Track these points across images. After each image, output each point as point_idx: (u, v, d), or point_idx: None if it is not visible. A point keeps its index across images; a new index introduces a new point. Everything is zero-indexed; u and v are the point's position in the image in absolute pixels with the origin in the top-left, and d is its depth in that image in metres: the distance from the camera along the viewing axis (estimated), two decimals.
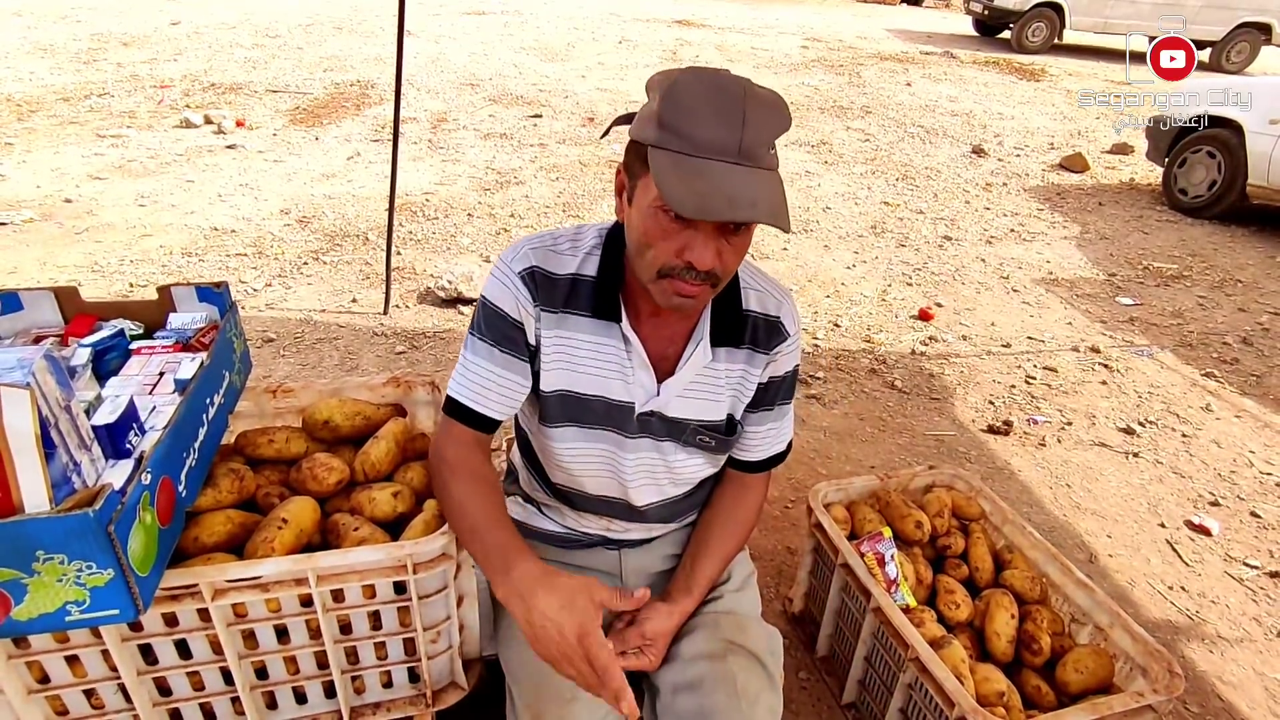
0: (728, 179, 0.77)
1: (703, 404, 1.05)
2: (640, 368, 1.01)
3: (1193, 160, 5.03)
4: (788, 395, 1.12)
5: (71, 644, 0.87)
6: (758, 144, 0.79)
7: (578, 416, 1.04)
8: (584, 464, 1.07)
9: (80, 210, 3.94)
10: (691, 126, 0.78)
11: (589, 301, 0.99)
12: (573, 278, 0.99)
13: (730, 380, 1.05)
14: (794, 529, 2.16)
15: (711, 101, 0.79)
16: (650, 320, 1.01)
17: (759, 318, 1.04)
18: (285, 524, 0.97)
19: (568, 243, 1.01)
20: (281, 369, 2.73)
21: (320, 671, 1.02)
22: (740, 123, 0.78)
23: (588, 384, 1.02)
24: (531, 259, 0.98)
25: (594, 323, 1.00)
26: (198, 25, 8.56)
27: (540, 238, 1.01)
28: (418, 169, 4.86)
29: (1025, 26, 10.66)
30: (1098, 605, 1.43)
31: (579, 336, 1.00)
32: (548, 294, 0.99)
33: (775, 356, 1.06)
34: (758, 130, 0.79)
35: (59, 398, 0.71)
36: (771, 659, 1.07)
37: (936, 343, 3.29)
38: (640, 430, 1.04)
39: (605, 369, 1.01)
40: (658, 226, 0.84)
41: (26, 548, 0.68)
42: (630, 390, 1.02)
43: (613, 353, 1.01)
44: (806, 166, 5.56)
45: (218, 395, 1.07)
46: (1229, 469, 2.57)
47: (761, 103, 0.80)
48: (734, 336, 1.03)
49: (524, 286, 0.98)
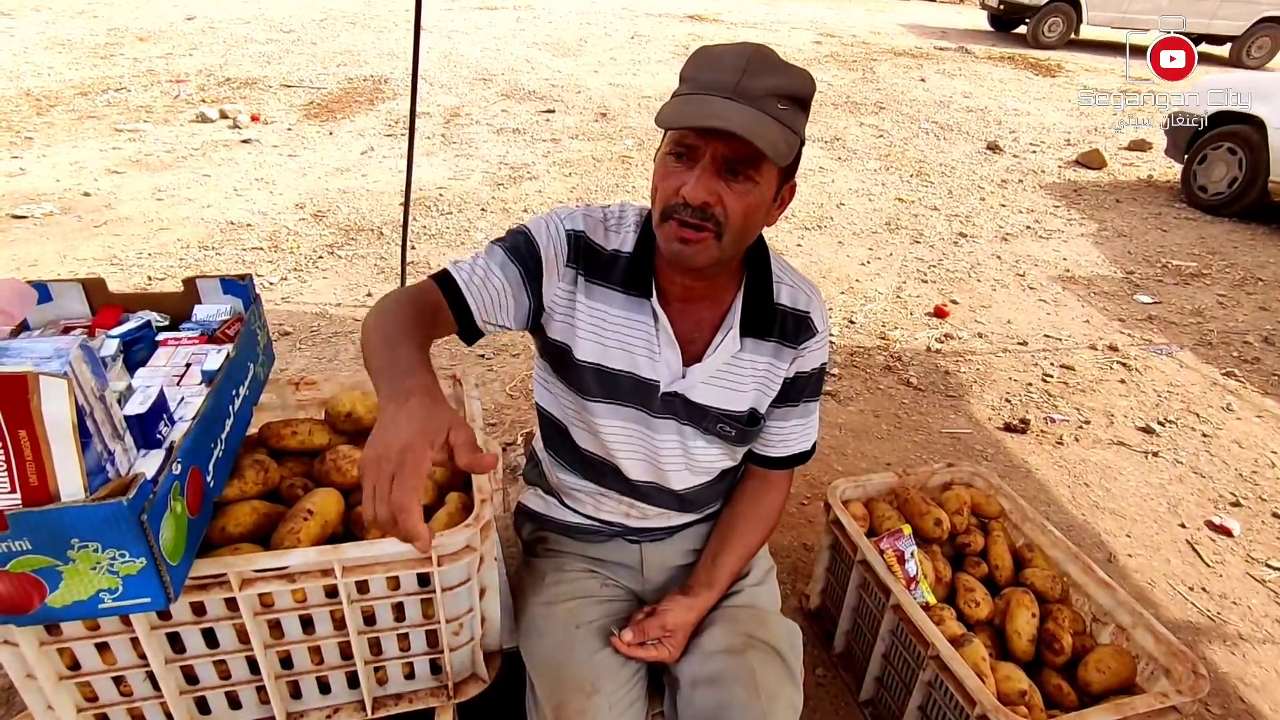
0: (715, 104, 0.83)
1: (727, 393, 1.05)
2: (667, 346, 1.02)
3: (1213, 157, 4.96)
4: (814, 393, 1.12)
5: (102, 631, 0.88)
6: (757, 88, 0.84)
7: (609, 392, 1.05)
8: (621, 442, 1.08)
9: (99, 204, 3.97)
10: (699, 74, 0.87)
11: (622, 276, 1.01)
12: (612, 254, 1.02)
13: (756, 372, 1.05)
14: (810, 526, 2.15)
15: (723, 55, 0.87)
16: (679, 303, 1.02)
17: (789, 312, 1.05)
18: (311, 515, 0.98)
19: (614, 219, 1.05)
20: (298, 362, 2.74)
21: (344, 662, 1.02)
22: (741, 69, 0.84)
23: (617, 359, 1.03)
24: (582, 224, 1.02)
25: (625, 298, 1.02)
26: (212, 20, 8.60)
27: (593, 211, 1.05)
28: (431, 164, 4.87)
29: (1041, 21, 10.53)
30: (1120, 605, 1.42)
31: (610, 310, 1.02)
32: (588, 261, 1.02)
33: (803, 352, 1.06)
34: (757, 77, 0.84)
35: (94, 387, 0.71)
36: (791, 654, 1.07)
37: (952, 340, 3.27)
38: (664, 410, 1.05)
39: (633, 344, 1.03)
40: (664, 168, 0.90)
41: (62, 535, 0.69)
42: (656, 368, 1.03)
43: (642, 329, 1.02)
44: (820, 163, 5.53)
45: (243, 387, 1.07)
46: (1250, 469, 2.54)
47: (770, 59, 0.86)
48: (764, 328, 1.03)
49: (566, 243, 1.01)
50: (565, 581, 1.15)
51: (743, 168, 0.86)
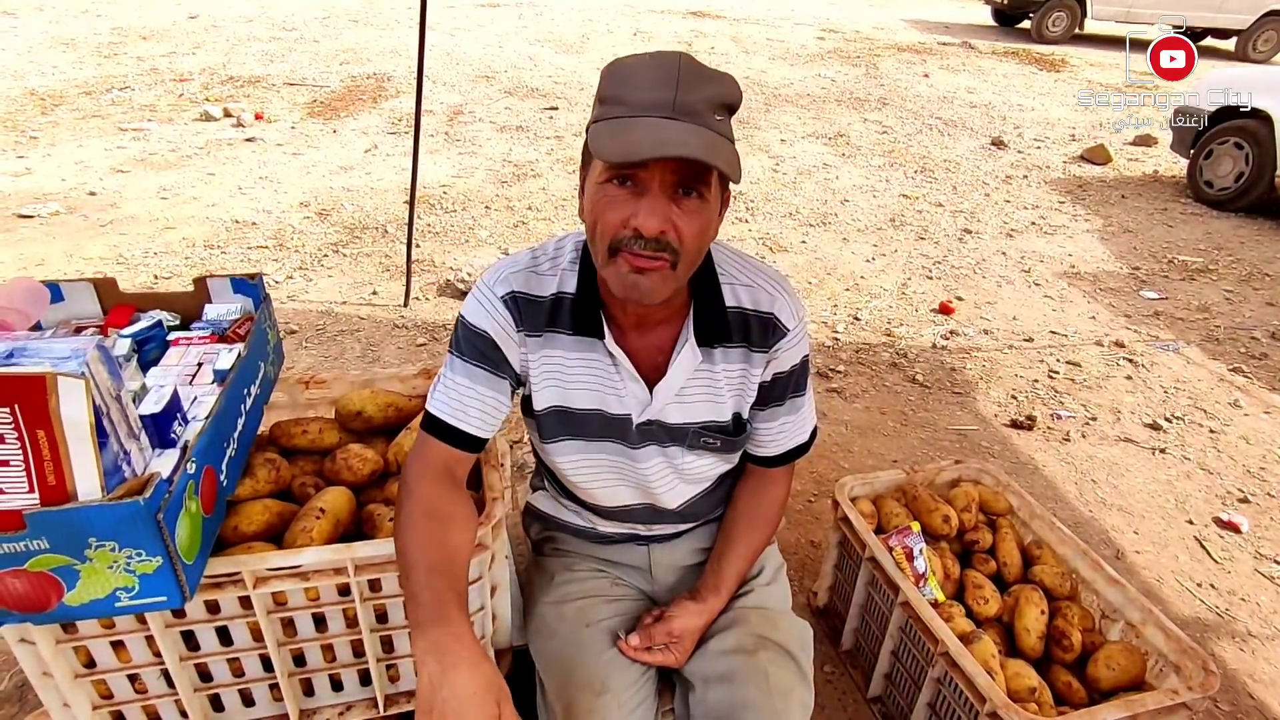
0: (660, 128, 0.77)
1: (704, 406, 1.02)
2: (630, 380, 0.99)
3: (1219, 152, 4.94)
4: (799, 388, 1.07)
5: (118, 629, 0.88)
6: (695, 102, 0.79)
7: (575, 431, 1.02)
8: (591, 476, 1.06)
9: (104, 203, 3.98)
10: (627, 92, 0.80)
11: (569, 319, 0.97)
12: (554, 297, 0.97)
13: (730, 380, 1.02)
14: (816, 523, 2.15)
15: (645, 69, 0.80)
16: (634, 332, 0.98)
17: (751, 314, 0.99)
18: (323, 514, 0.98)
19: (548, 261, 0.99)
20: (304, 360, 2.75)
21: (356, 660, 1.03)
22: (674, 83, 0.78)
23: (581, 399, 1.00)
24: (513, 283, 0.96)
25: (578, 340, 0.97)
26: (215, 18, 8.60)
27: (521, 258, 0.99)
28: (435, 162, 4.87)
29: (1045, 16, 10.48)
30: (1129, 602, 1.42)
31: (566, 355, 0.98)
32: (531, 317, 0.97)
33: (775, 354, 1.01)
34: (693, 89, 0.79)
35: (110, 387, 0.71)
36: (803, 653, 1.07)
37: (957, 337, 3.27)
38: (643, 440, 1.02)
39: (596, 384, 0.99)
40: (604, 199, 0.83)
41: (80, 534, 0.69)
42: (624, 403, 1.00)
43: (600, 368, 0.99)
44: (824, 159, 5.52)
45: (254, 386, 1.08)
46: (1258, 465, 2.53)
47: (698, 69, 0.81)
48: (721, 334, 0.98)
49: (506, 310, 0.96)
50: (575, 581, 1.15)
51: (694, 185, 0.81)
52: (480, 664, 0.78)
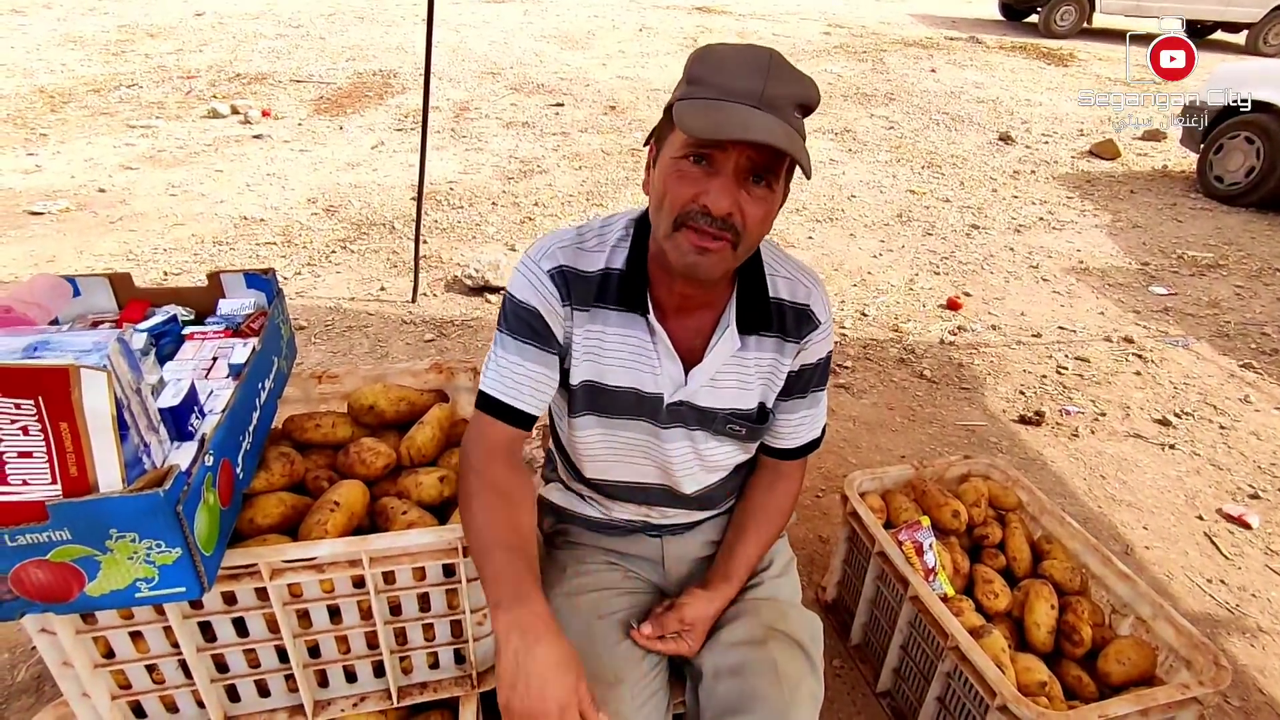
0: (746, 114, 0.81)
1: (734, 393, 1.04)
2: (667, 358, 1.01)
3: (1230, 146, 4.90)
4: (820, 382, 1.11)
5: (136, 620, 0.89)
6: (780, 97, 0.82)
7: (602, 407, 1.04)
8: (610, 451, 1.07)
9: (114, 200, 4.00)
10: (717, 77, 0.83)
11: (615, 294, 0.99)
12: (602, 273, 0.99)
13: (761, 369, 1.05)
14: (825, 518, 2.15)
15: (738, 57, 0.84)
16: (675, 314, 1.00)
17: (788, 305, 1.03)
18: (337, 507, 0.99)
19: (595, 238, 1.01)
20: (313, 356, 2.76)
21: (370, 651, 1.04)
22: (764, 75, 0.82)
23: (616, 376, 1.02)
24: (559, 258, 0.98)
25: (622, 315, 1.00)
26: (221, 16, 8.61)
27: (567, 235, 1.01)
28: (441, 158, 4.88)
29: (1053, 10, 10.40)
30: (1140, 597, 1.42)
31: (608, 329, 1.00)
32: (579, 292, 0.99)
33: (806, 345, 1.05)
34: (781, 84, 0.82)
35: (130, 380, 0.72)
36: (813, 645, 1.08)
37: (965, 332, 3.26)
38: (672, 420, 1.04)
39: (633, 361, 1.01)
40: (677, 173, 0.86)
41: (101, 526, 0.70)
42: (659, 381, 1.02)
43: (639, 345, 1.01)
44: (830, 155, 5.50)
45: (268, 380, 1.09)
46: (1269, 461, 2.52)
47: (786, 66, 0.84)
48: (761, 323, 1.02)
49: (552, 285, 0.97)
50: (587, 573, 1.15)
51: (764, 174, 0.85)
52: (559, 640, 0.83)
